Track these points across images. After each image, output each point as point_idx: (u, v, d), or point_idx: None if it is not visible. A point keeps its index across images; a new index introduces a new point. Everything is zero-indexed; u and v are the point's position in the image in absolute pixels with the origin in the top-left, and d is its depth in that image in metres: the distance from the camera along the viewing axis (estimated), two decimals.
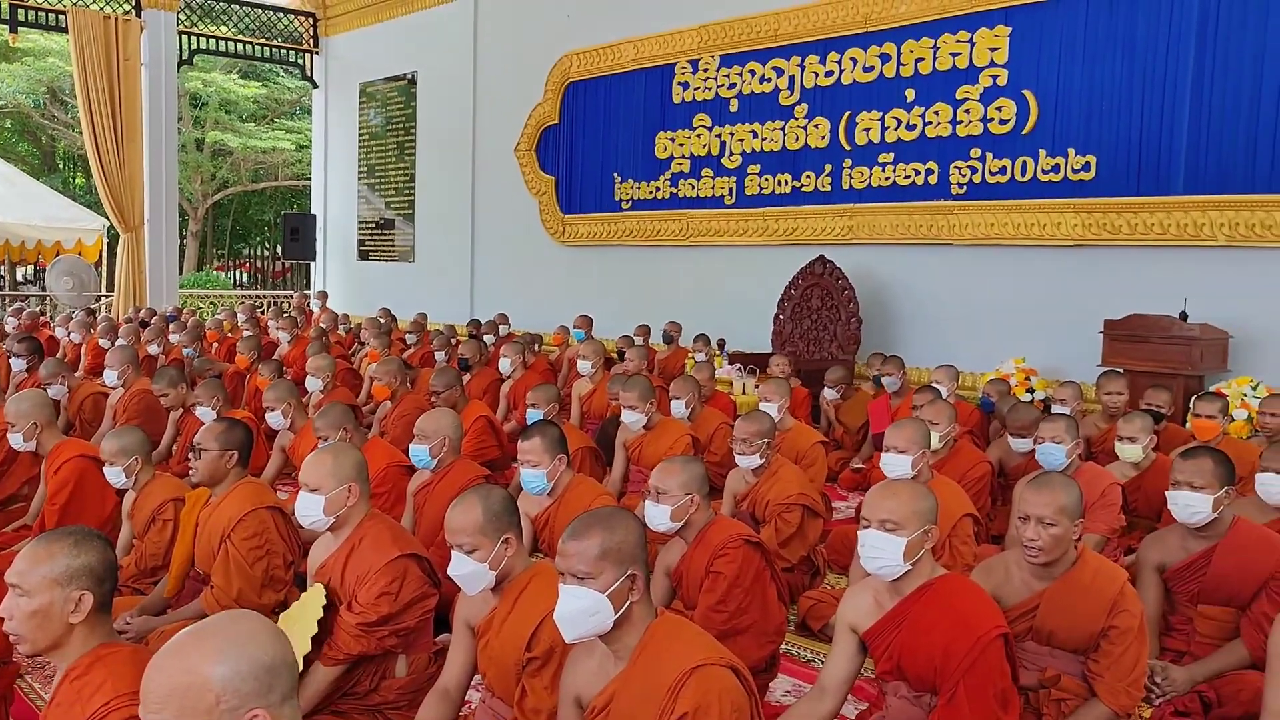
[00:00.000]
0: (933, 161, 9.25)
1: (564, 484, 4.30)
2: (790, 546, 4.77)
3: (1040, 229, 8.55)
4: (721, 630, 3.42)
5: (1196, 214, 7.70)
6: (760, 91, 10.64)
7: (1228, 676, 3.54)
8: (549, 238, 13.11)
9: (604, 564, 2.33)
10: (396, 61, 15.68)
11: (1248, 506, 4.31)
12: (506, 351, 8.28)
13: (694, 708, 2.20)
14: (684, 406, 6.27)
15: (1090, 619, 3.11)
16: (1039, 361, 8.31)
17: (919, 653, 2.78)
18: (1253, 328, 7.45)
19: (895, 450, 4.51)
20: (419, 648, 3.35)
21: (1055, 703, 3.17)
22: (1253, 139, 7.46)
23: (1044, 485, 3.17)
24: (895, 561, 2.81)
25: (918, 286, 9.51)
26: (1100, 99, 8.24)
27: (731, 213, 10.99)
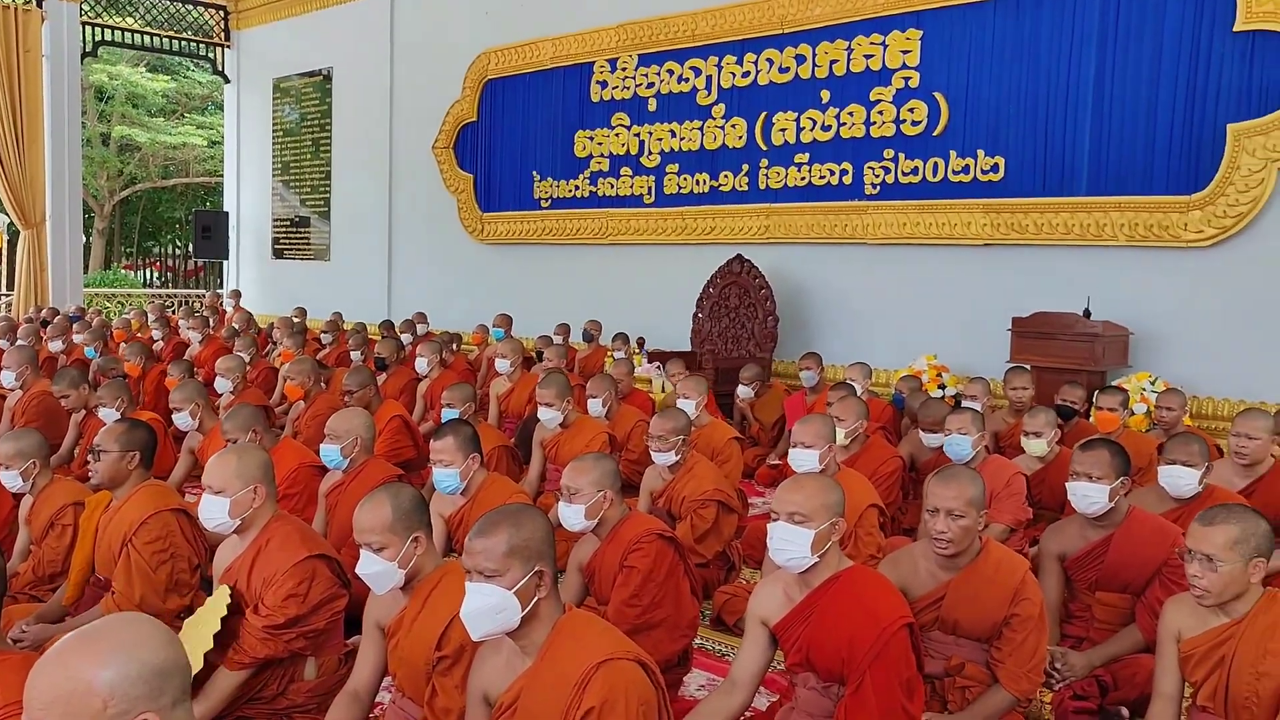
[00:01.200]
0: (847, 162, 9.40)
1: (478, 483, 4.27)
2: (706, 542, 4.80)
3: (951, 229, 8.74)
4: (634, 625, 3.43)
5: (1099, 214, 7.94)
6: (678, 91, 10.70)
7: (1123, 660, 3.65)
8: (468, 236, 13.01)
9: (511, 561, 2.33)
10: (311, 56, 15.41)
11: (1148, 496, 4.47)
12: (423, 351, 8.20)
13: (600, 702, 2.21)
14: (601, 405, 6.27)
15: (993, 608, 3.19)
16: (950, 358, 8.49)
17: (826, 644, 2.82)
18: (1151, 325, 7.70)
19: (802, 445, 4.58)
20: (329, 649, 3.30)
21: (960, 690, 3.24)
22: (1150, 142, 7.72)
23: (951, 478, 3.24)
24: (803, 554, 2.85)
25: (833, 285, 9.65)
26: (1008, 102, 8.45)
27: (650, 212, 11.02)
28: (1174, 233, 7.60)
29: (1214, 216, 7.41)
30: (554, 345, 8.55)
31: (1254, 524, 2.80)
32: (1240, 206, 7.32)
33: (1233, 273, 7.43)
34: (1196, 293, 7.58)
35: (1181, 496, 4.23)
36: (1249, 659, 2.74)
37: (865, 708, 2.72)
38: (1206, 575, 2.77)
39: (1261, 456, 4.93)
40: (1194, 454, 4.21)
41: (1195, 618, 2.89)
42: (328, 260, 15.42)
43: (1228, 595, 2.78)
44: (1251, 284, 7.35)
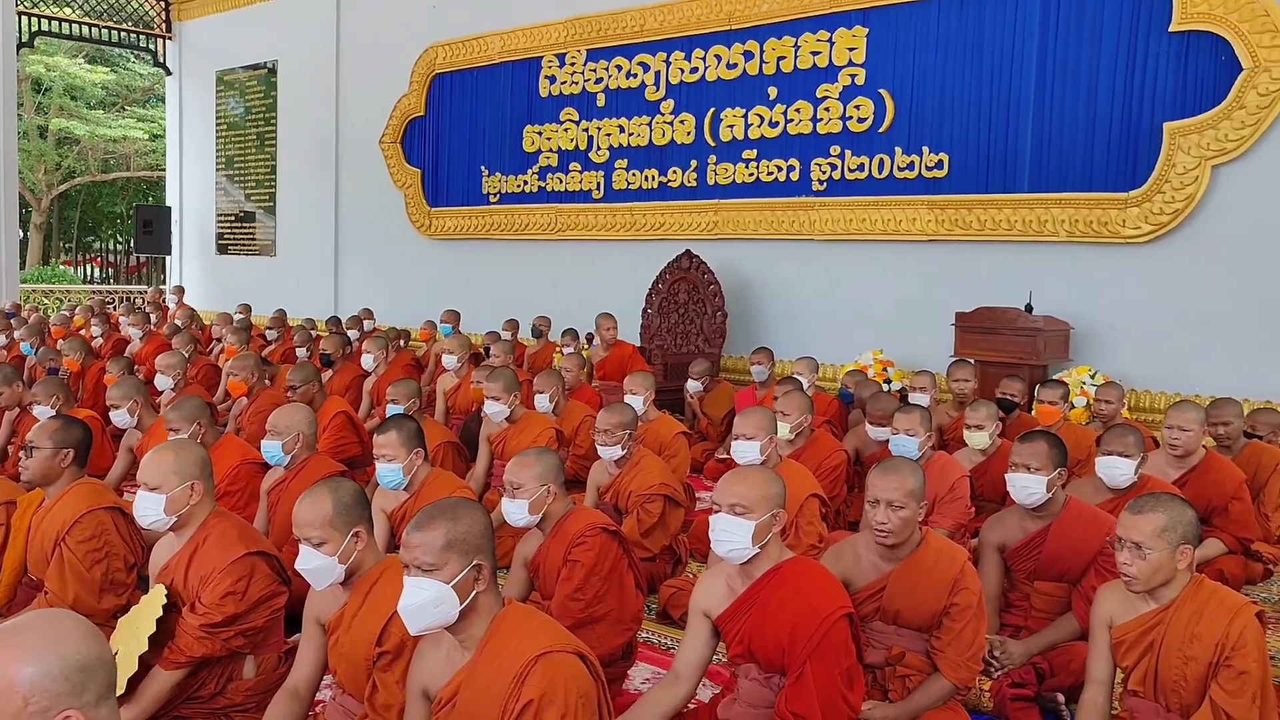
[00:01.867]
0: (794, 158, 9.46)
1: (421, 479, 4.24)
2: (652, 536, 4.81)
3: (896, 224, 8.83)
4: (579, 619, 3.43)
5: (1040, 211, 8.08)
6: (627, 87, 10.70)
7: (1060, 648, 3.71)
8: (415, 231, 12.92)
9: (449, 555, 2.32)
10: (255, 49, 15.20)
11: (1085, 487, 4.55)
12: (369, 347, 8.12)
13: (539, 695, 2.20)
14: (548, 400, 6.26)
15: (933, 598, 3.22)
16: (896, 353, 8.59)
17: (767, 635, 2.83)
18: (1091, 320, 7.85)
19: (744, 437, 4.61)
20: (268, 647, 3.26)
21: (900, 679, 3.28)
22: (1090, 140, 7.86)
23: (891, 470, 3.28)
24: (744, 545, 2.86)
25: (781, 280, 9.71)
26: (952, 100, 8.56)
27: (599, 207, 11.01)
28: (1113, 229, 7.75)
29: (1151, 213, 7.57)
30: (501, 341, 8.50)
31: (1181, 512, 2.86)
32: (1176, 204, 7.48)
33: (1168, 269, 7.59)
34: (1134, 288, 7.74)
35: (1118, 487, 4.32)
36: (1177, 643, 2.80)
37: (805, 697, 2.74)
38: (1136, 563, 2.83)
39: (1194, 448, 5.04)
40: (1130, 445, 4.30)
41: (1126, 604, 2.95)
42: (273, 256, 15.23)
43: (1156, 582, 2.84)
44: (1186, 280, 7.51)
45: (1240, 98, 7.15)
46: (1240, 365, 7.25)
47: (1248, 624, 2.75)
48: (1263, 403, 6.97)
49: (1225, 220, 7.36)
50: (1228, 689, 2.69)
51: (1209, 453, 5.17)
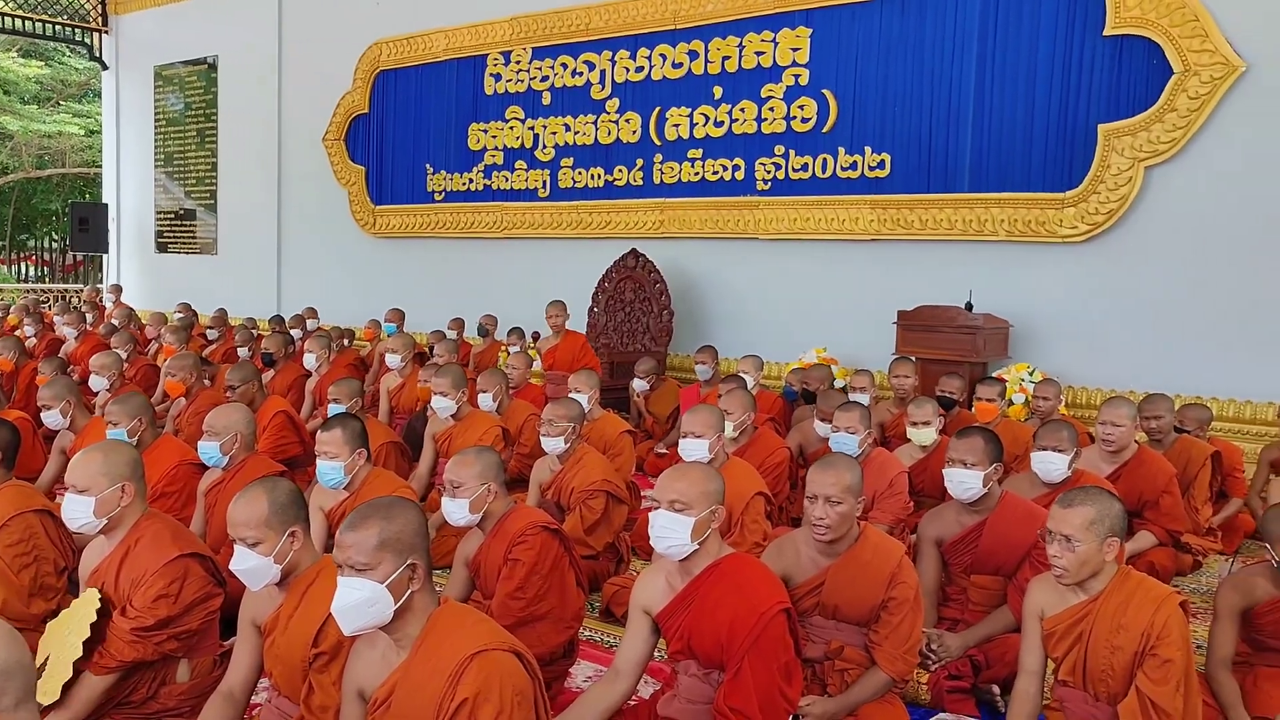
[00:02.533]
0: (739, 158, 9.51)
1: (361, 478, 4.21)
2: (596, 533, 4.82)
3: (840, 224, 8.91)
4: (519, 618, 3.43)
5: (980, 210, 8.19)
6: (573, 85, 10.68)
7: (996, 640, 3.78)
8: (359, 229, 12.79)
9: (383, 554, 2.30)
10: (195, 44, 14.95)
11: (1021, 482, 4.64)
12: (311, 346, 8.04)
13: (475, 693, 2.20)
14: (491, 399, 6.25)
15: (871, 592, 3.27)
16: (839, 351, 8.67)
17: (706, 631, 2.85)
18: (1030, 318, 7.98)
19: (692, 435, 4.63)
20: (203, 651, 3.22)
21: (839, 673, 3.32)
22: (1028, 141, 7.99)
23: (830, 466, 3.32)
24: (683, 541, 2.88)
25: (727, 279, 9.76)
26: (894, 100, 8.65)
27: (545, 206, 10.99)
28: (1050, 229, 7.88)
29: (1087, 213, 7.71)
30: (446, 340, 8.46)
31: (1108, 505, 2.93)
32: (1111, 204, 7.62)
33: (1104, 268, 7.74)
34: (1071, 287, 7.88)
35: (1052, 481, 4.40)
36: (1104, 634, 2.86)
37: (743, 692, 2.76)
38: (1065, 555, 2.89)
39: (1126, 443, 5.16)
40: (1063, 440, 4.39)
41: (1056, 596, 3.01)
42: (215, 254, 15.00)
43: (1085, 573, 2.90)
44: (1121, 278, 7.67)
45: (1171, 101, 7.31)
46: (1172, 362, 7.41)
47: (1172, 614, 2.82)
48: (1193, 398, 7.15)
49: (1157, 220, 7.52)
50: (1153, 677, 2.76)
51: (1141, 448, 5.29)
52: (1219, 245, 7.29)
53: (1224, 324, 7.27)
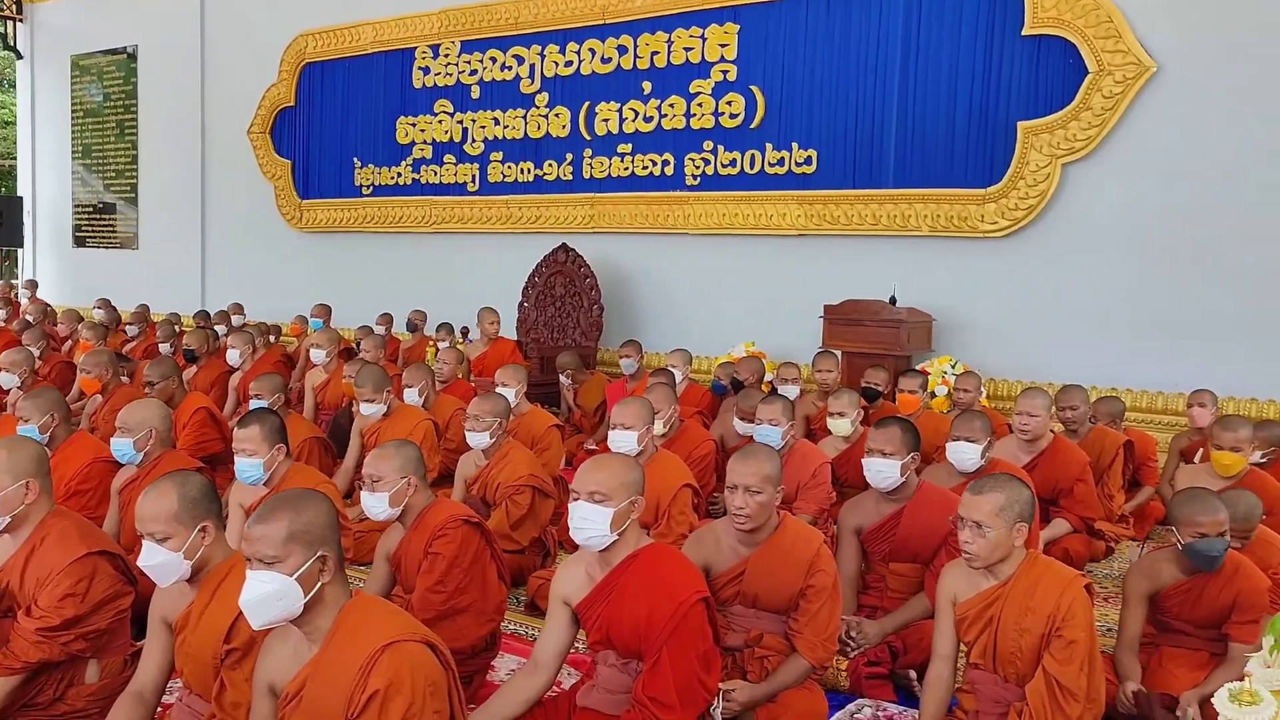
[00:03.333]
0: (669, 153, 9.54)
1: (281, 474, 4.15)
2: (522, 528, 4.81)
3: (767, 219, 8.99)
4: (440, 611, 3.41)
5: (904, 206, 8.32)
6: (502, 79, 10.62)
7: (913, 626, 3.85)
8: (286, 224, 12.59)
9: (292, 546, 2.28)
10: (114, 33, 14.57)
11: (939, 472, 4.74)
12: (234, 342, 7.90)
13: (386, 684, 2.19)
14: (417, 394, 6.21)
15: (790, 580, 3.31)
16: (768, 345, 8.74)
17: (625, 621, 2.86)
18: (953, 311, 8.12)
19: (622, 427, 4.63)
20: (112, 651, 3.15)
21: (759, 660, 3.35)
22: (950, 138, 8.14)
23: (749, 456, 3.35)
24: (602, 532, 2.88)
25: (657, 274, 9.79)
26: (820, 97, 8.75)
27: (475, 200, 10.92)
28: (972, 224, 8.03)
29: (1007, 209, 7.87)
30: (373, 335, 8.36)
31: (1017, 491, 3.00)
32: (1030, 200, 7.79)
33: (1024, 262, 7.90)
34: (992, 281, 8.04)
35: (966, 470, 4.49)
36: (1013, 617, 2.93)
37: (662, 682, 2.77)
38: (976, 540, 2.95)
39: (1042, 432, 5.28)
40: (976, 430, 4.48)
41: (968, 581, 3.08)
42: (136, 249, 14.65)
43: (995, 558, 2.96)
44: (1040, 273, 7.84)
45: (1087, 99, 7.49)
46: (1088, 354, 7.59)
47: (1077, 596, 2.90)
48: (1108, 390, 7.35)
49: (1074, 216, 7.70)
50: (1058, 658, 2.83)
51: (1057, 437, 5.42)
52: (1133, 241, 7.49)
53: (1138, 318, 7.47)
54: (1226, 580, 3.48)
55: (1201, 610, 3.53)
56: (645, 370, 7.79)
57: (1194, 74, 7.20)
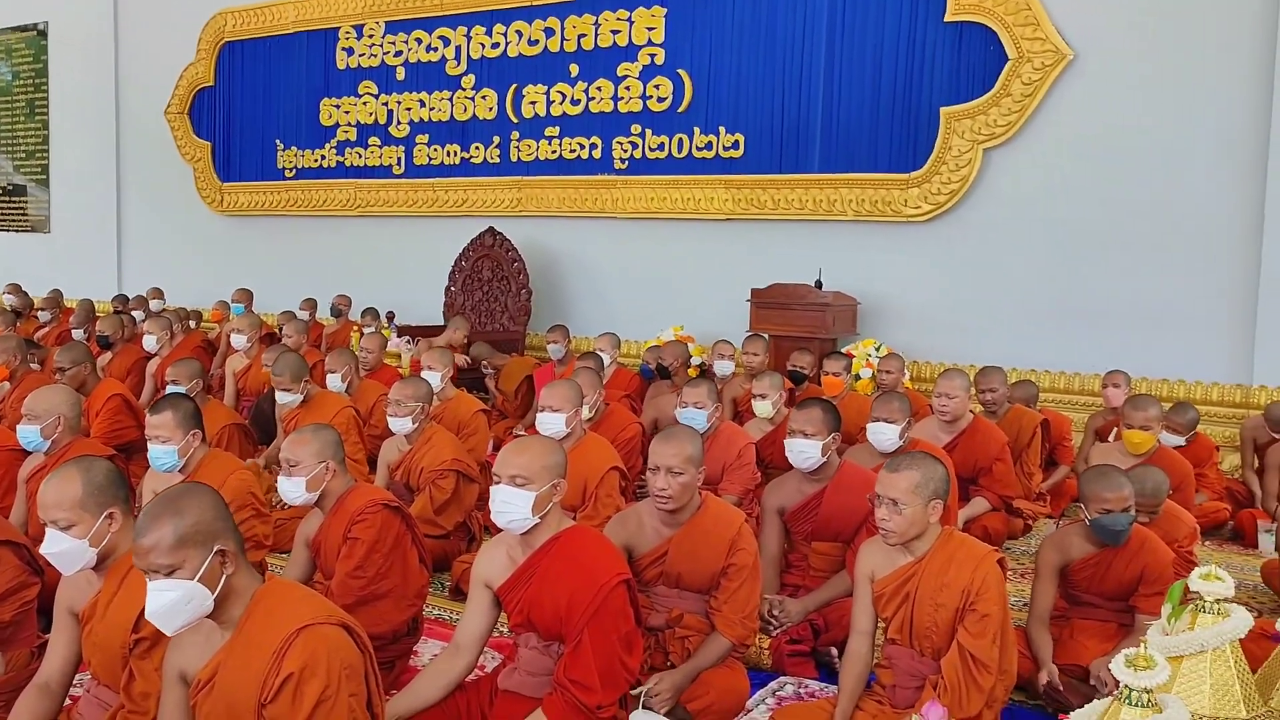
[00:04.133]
0: (596, 136, 9.51)
1: (197, 460, 4.05)
2: (446, 513, 4.78)
3: (695, 203, 9.02)
4: (360, 596, 3.37)
5: (830, 190, 8.40)
6: (427, 61, 10.50)
7: (834, 604, 3.91)
8: (206, 207, 12.31)
9: (185, 550, 2.19)
10: (22, 8, 14.08)
11: (861, 453, 4.80)
12: (150, 328, 7.70)
13: (300, 667, 2.15)
14: (340, 380, 6.13)
15: (712, 559, 3.33)
16: (696, 329, 8.77)
17: (546, 603, 2.85)
18: (877, 295, 8.23)
19: (550, 409, 4.61)
20: (19, 643, 3.06)
21: (680, 640, 3.37)
22: (875, 123, 8.23)
23: (671, 438, 3.36)
24: (524, 515, 2.86)
25: (585, 258, 9.77)
26: (747, 81, 8.79)
27: (401, 183, 10.78)
28: (896, 208, 8.14)
29: (930, 194, 7.99)
30: (295, 320, 8.23)
31: (932, 469, 3.05)
32: (952, 184, 7.92)
33: (946, 246, 8.04)
34: (915, 265, 8.16)
35: (885, 450, 4.55)
36: (929, 592, 2.98)
37: (583, 664, 2.76)
38: (893, 517, 3.00)
39: (961, 413, 5.38)
40: (895, 411, 4.55)
41: (885, 558, 3.12)
42: (47, 232, 14.20)
43: (910, 535, 3.01)
44: (960, 257, 7.98)
45: (1007, 86, 7.63)
46: (1008, 337, 7.75)
47: (990, 571, 2.96)
48: (1027, 371, 7.51)
49: (995, 201, 7.85)
50: (972, 631, 2.89)
51: (976, 418, 5.53)
52: (1050, 226, 7.65)
53: (1055, 301, 7.64)
54: (1133, 554, 3.59)
55: (1109, 583, 3.63)
56: (573, 354, 7.77)
57: (1110, 61, 7.38)
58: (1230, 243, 7.07)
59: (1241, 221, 7.01)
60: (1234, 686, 2.24)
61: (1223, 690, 2.23)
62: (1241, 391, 7.00)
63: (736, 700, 3.36)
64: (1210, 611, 2.27)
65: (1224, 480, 6.32)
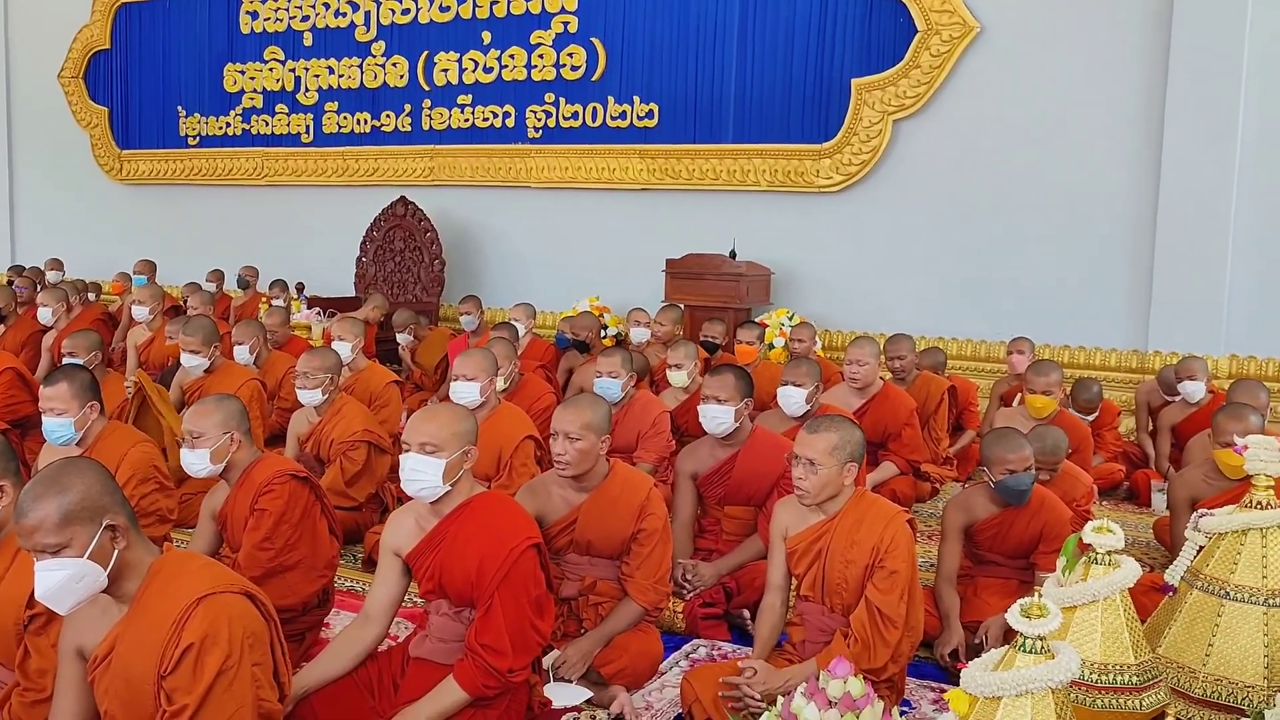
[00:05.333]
0: (510, 105, 9.41)
1: (95, 433, 3.93)
2: (358, 484, 4.72)
3: (610, 173, 8.99)
4: (268, 568, 3.32)
5: (744, 161, 8.45)
6: (336, 26, 10.26)
7: (746, 568, 3.96)
8: (104, 175, 11.88)
9: (72, 528, 2.12)
10: None
11: (772, 418, 4.86)
12: (45, 300, 7.43)
13: (201, 638, 2.11)
14: (248, 352, 6.00)
15: (622, 525, 3.35)
16: (611, 299, 8.77)
17: (457, 569, 2.83)
18: (790, 265, 8.32)
19: (464, 378, 4.55)
20: None
21: (593, 607, 3.40)
22: (788, 94, 8.29)
23: (572, 405, 3.37)
24: (435, 483, 2.84)
25: (499, 228, 9.68)
26: (661, 50, 8.76)
27: (310, 151, 10.54)
28: (808, 179, 8.22)
29: (841, 164, 8.08)
30: (201, 292, 8.01)
31: (849, 432, 3.10)
32: (863, 155, 8.02)
33: (856, 217, 8.15)
34: (827, 235, 8.25)
35: (795, 414, 4.62)
36: (840, 549, 3.04)
37: (494, 628, 2.75)
38: (809, 477, 3.04)
39: (871, 379, 5.48)
40: (803, 376, 4.63)
41: (798, 516, 3.17)
42: None
43: (825, 495, 3.06)
44: (871, 227, 8.10)
45: (916, 58, 7.74)
46: (917, 306, 7.91)
47: (900, 529, 3.03)
48: (935, 339, 7.67)
49: (904, 172, 7.97)
50: (881, 587, 2.96)
51: (885, 384, 5.64)
52: (957, 196, 7.80)
53: (962, 270, 7.81)
54: (1034, 513, 3.70)
55: (1011, 542, 3.75)
56: (487, 325, 7.70)
57: (1014, 35, 7.53)
58: (1127, 214, 7.29)
59: (1138, 193, 7.23)
60: (1124, 634, 2.33)
61: (1113, 638, 2.32)
62: (1137, 357, 7.25)
63: (651, 663, 3.40)
64: (1102, 563, 2.35)
65: (1120, 442, 6.55)
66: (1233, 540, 2.78)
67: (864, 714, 2.27)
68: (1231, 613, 2.70)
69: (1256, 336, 7.00)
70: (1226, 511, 2.84)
